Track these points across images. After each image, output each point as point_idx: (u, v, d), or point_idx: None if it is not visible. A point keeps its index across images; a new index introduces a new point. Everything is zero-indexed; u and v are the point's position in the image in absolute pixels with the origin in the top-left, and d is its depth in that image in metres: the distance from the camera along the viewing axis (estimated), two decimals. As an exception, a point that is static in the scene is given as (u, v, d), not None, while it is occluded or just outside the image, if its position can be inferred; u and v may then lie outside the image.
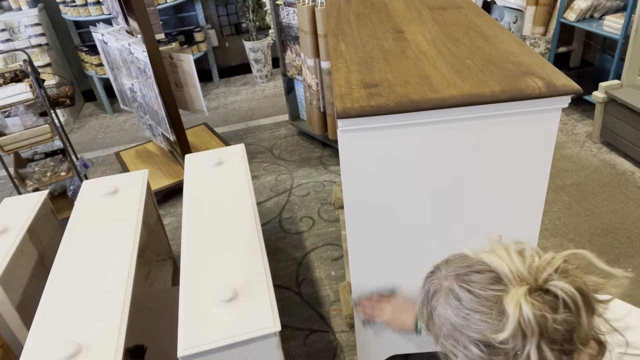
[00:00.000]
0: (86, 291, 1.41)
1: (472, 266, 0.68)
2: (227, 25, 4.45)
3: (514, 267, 0.65)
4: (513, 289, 0.62)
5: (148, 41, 2.48)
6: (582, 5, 3.05)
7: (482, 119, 1.17)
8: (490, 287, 0.64)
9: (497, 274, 0.65)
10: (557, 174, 2.76)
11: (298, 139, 3.45)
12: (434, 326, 0.72)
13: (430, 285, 0.73)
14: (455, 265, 0.70)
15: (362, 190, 1.28)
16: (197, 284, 1.37)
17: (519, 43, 1.37)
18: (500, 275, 0.65)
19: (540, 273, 0.64)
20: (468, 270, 0.68)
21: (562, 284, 0.62)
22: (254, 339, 1.20)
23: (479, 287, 0.65)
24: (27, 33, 3.74)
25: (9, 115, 2.54)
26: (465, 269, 0.68)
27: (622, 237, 2.28)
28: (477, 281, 0.66)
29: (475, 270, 0.67)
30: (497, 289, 0.64)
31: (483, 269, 0.67)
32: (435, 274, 0.74)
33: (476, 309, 0.64)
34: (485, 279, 0.65)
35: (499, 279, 0.65)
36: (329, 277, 2.26)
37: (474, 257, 0.70)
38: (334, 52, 1.46)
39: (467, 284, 0.66)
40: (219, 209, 1.68)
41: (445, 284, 0.69)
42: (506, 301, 0.62)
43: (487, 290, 0.64)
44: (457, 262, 0.71)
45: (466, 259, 0.70)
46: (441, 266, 0.74)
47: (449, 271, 0.70)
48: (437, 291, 0.71)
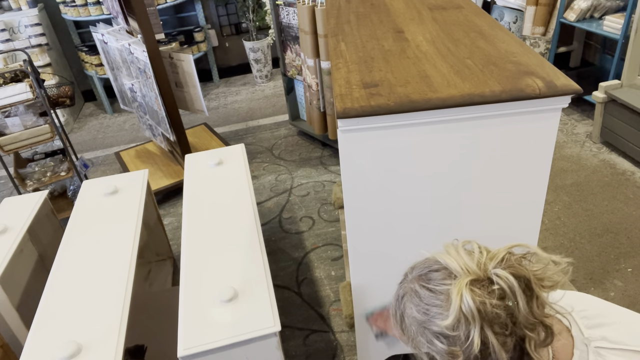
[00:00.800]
0: (86, 291, 1.41)
1: (430, 266, 0.75)
2: (227, 25, 4.45)
3: (463, 262, 0.71)
4: (457, 281, 0.69)
5: (148, 41, 2.48)
6: (582, 5, 3.05)
7: (482, 119, 1.17)
8: (443, 282, 0.71)
9: (450, 270, 0.71)
10: (557, 174, 2.76)
11: (298, 139, 3.45)
12: (405, 328, 0.77)
13: (400, 290, 0.79)
14: (418, 268, 0.77)
15: (362, 190, 1.28)
16: (197, 284, 1.37)
17: (519, 43, 1.37)
18: (452, 271, 0.71)
19: (487, 266, 0.70)
20: (427, 271, 0.74)
21: (501, 272, 0.68)
22: (254, 339, 1.20)
23: (435, 283, 0.72)
24: (27, 33, 3.74)
25: (9, 115, 2.54)
26: (425, 270, 0.75)
27: (622, 237, 2.28)
28: (433, 278, 0.72)
29: (432, 269, 0.74)
30: (449, 283, 0.70)
31: (439, 267, 0.73)
32: (404, 279, 0.80)
33: (433, 303, 0.70)
34: (440, 275, 0.72)
35: (452, 275, 0.71)
36: (329, 277, 2.26)
37: (432, 258, 0.76)
38: (334, 52, 1.46)
39: (426, 282, 0.73)
40: (219, 209, 1.68)
41: (410, 286, 0.76)
42: (451, 291, 0.68)
43: (440, 285, 0.71)
44: (419, 265, 0.77)
45: (426, 261, 0.77)
46: (408, 272, 0.80)
47: (413, 274, 0.77)
48: (405, 293, 0.76)
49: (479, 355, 0.67)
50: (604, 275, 2.10)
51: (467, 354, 0.68)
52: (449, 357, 0.70)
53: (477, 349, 0.66)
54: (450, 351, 0.69)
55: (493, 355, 0.67)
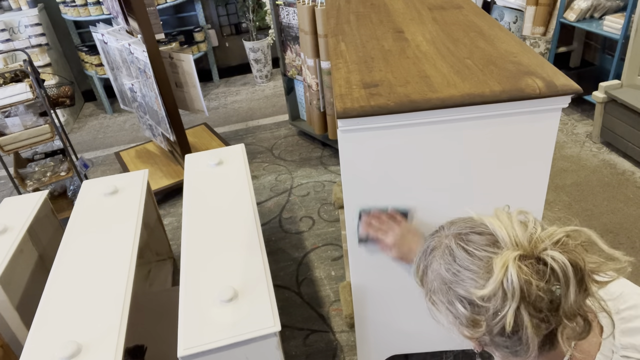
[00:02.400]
0: (86, 291, 1.41)
1: (473, 227, 0.70)
2: (227, 25, 4.45)
3: (513, 233, 0.65)
4: (505, 252, 0.64)
5: (148, 41, 2.48)
6: (582, 5, 3.05)
7: (482, 119, 1.17)
8: (485, 248, 0.66)
9: (496, 238, 0.66)
10: (557, 174, 2.76)
11: (298, 139, 3.45)
12: (426, 280, 0.73)
13: (431, 241, 0.74)
14: (458, 225, 0.72)
15: (362, 190, 1.28)
16: (197, 284, 1.37)
17: (519, 43, 1.37)
18: (498, 239, 0.66)
19: (539, 243, 0.64)
20: (469, 231, 0.69)
21: (556, 254, 0.62)
22: (254, 339, 1.20)
23: (475, 246, 0.67)
24: (27, 33, 3.74)
25: (9, 115, 2.54)
26: (467, 229, 0.70)
27: (622, 237, 2.28)
28: (474, 241, 0.67)
29: (475, 232, 0.69)
30: (491, 250, 0.65)
31: (484, 230, 0.68)
32: (437, 232, 0.75)
33: (467, 267, 0.66)
34: (482, 240, 0.67)
35: (496, 242, 0.66)
36: (329, 277, 2.26)
37: (477, 219, 0.71)
38: (334, 52, 1.46)
39: (465, 242, 0.68)
40: (219, 209, 1.68)
41: (445, 241, 0.71)
42: (495, 262, 0.63)
43: (481, 250, 0.66)
44: (460, 222, 0.73)
45: (469, 221, 0.72)
46: (445, 225, 0.75)
47: (451, 230, 0.72)
48: (436, 247, 0.72)
49: (504, 331, 0.64)
50: (604, 275, 2.10)
51: (490, 326, 0.64)
52: (469, 323, 0.67)
53: (509, 327, 0.62)
54: (472, 318, 0.66)
55: (523, 337, 0.63)
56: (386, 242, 1.19)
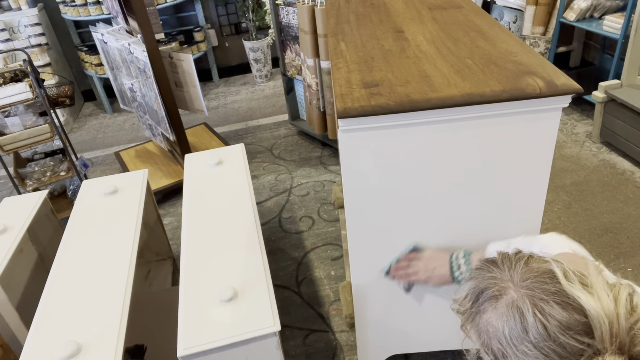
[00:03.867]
0: (86, 291, 1.40)
1: (556, 294, 0.53)
2: (227, 25, 4.45)
3: (616, 325, 0.50)
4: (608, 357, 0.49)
5: (148, 41, 2.48)
6: (582, 5, 3.05)
7: (483, 119, 1.17)
8: (575, 336, 0.51)
9: (589, 324, 0.50)
10: (557, 174, 2.76)
11: (298, 139, 3.44)
12: (474, 328, 0.60)
13: (488, 284, 0.58)
14: (536, 281, 0.55)
15: (362, 190, 1.28)
16: (197, 284, 1.37)
17: (519, 43, 1.37)
18: (592, 327, 0.50)
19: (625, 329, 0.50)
20: (552, 298, 0.53)
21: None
22: (254, 339, 1.20)
23: (560, 328, 0.51)
24: (27, 33, 3.74)
25: (9, 115, 2.54)
26: (547, 295, 0.53)
27: (622, 237, 2.28)
28: (559, 320, 0.51)
29: (559, 303, 0.52)
30: (584, 342, 0.50)
31: (571, 305, 0.52)
32: (501, 269, 0.59)
33: (546, 353, 0.51)
34: (572, 323, 0.51)
35: (591, 332, 0.50)
36: (329, 277, 2.26)
37: (566, 286, 0.53)
38: (334, 52, 1.46)
39: (544, 316, 0.52)
40: (219, 209, 1.67)
41: (513, 295, 0.55)
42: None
43: (569, 338, 0.51)
44: (539, 277, 0.55)
45: (554, 282, 0.54)
46: (514, 264, 0.58)
47: (525, 283, 0.56)
48: (500, 296, 0.57)
49: None
50: (604, 275, 2.10)
51: None
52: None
53: None
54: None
55: None
56: (421, 278, 1.31)
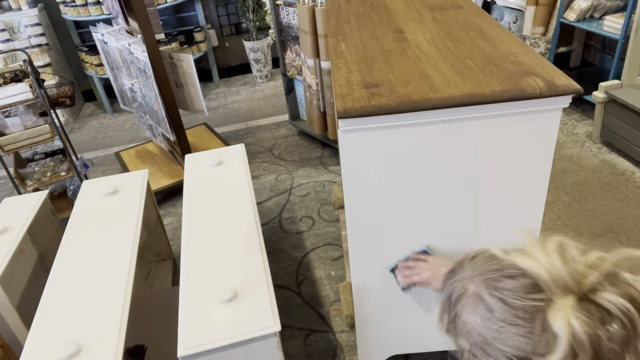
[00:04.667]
0: (86, 291, 1.40)
1: (502, 269, 0.59)
2: (227, 25, 4.45)
3: (555, 271, 0.55)
4: (558, 301, 0.53)
5: (148, 41, 2.48)
6: (582, 5, 3.05)
7: (483, 119, 1.17)
8: (527, 296, 0.55)
9: (535, 280, 0.55)
10: (557, 174, 2.76)
11: (298, 139, 3.45)
12: (456, 332, 0.63)
13: (453, 287, 0.63)
14: (483, 267, 0.61)
15: (362, 190, 1.28)
16: (197, 284, 1.37)
17: (519, 43, 1.37)
18: (538, 282, 0.55)
19: (585, 279, 0.55)
20: (498, 275, 0.58)
21: (615, 299, 0.53)
22: (254, 339, 1.20)
23: (513, 295, 0.56)
24: (27, 33, 3.74)
25: (9, 115, 2.54)
26: (495, 273, 0.59)
27: (622, 237, 2.28)
28: (510, 288, 0.56)
29: (506, 275, 0.58)
30: (536, 298, 0.55)
31: (516, 273, 0.57)
32: (457, 273, 0.64)
33: (512, 321, 0.55)
34: (520, 286, 0.56)
35: (537, 286, 0.55)
36: (329, 277, 2.26)
37: (505, 258, 0.60)
38: (334, 52, 1.46)
39: (498, 291, 0.57)
40: (219, 209, 1.67)
41: (472, 288, 0.60)
42: (551, 316, 0.53)
43: (523, 300, 0.55)
44: (483, 262, 0.61)
45: (495, 260, 0.60)
46: (464, 265, 0.64)
47: (475, 273, 0.61)
48: (462, 295, 0.61)
49: None
50: (604, 275, 2.10)
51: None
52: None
53: None
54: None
55: None
56: (424, 278, 1.28)
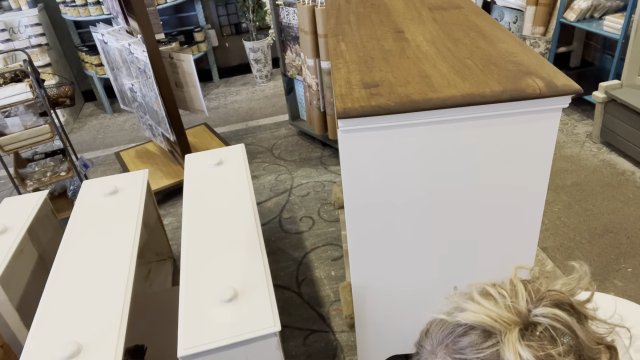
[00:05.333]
0: (86, 291, 1.40)
1: (453, 331, 0.61)
2: (227, 25, 4.45)
3: (493, 313, 0.58)
4: (506, 339, 0.56)
5: (148, 41, 2.48)
6: (582, 5, 3.05)
7: (483, 119, 1.17)
8: (483, 345, 0.57)
9: (483, 328, 0.58)
10: (557, 174, 2.76)
11: (298, 139, 3.45)
12: None
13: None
14: (437, 336, 0.63)
15: (362, 190, 1.28)
16: (197, 284, 1.37)
17: (519, 43, 1.37)
18: (485, 329, 0.58)
19: (520, 308, 0.58)
20: (453, 337, 0.61)
21: (543, 311, 0.57)
22: (254, 339, 1.20)
23: (473, 351, 0.58)
24: (27, 33, 3.74)
25: (9, 115, 2.54)
26: (450, 337, 0.61)
27: (622, 237, 2.28)
28: (467, 345, 0.59)
29: (459, 335, 0.60)
30: (490, 344, 0.57)
31: (466, 329, 0.60)
32: (421, 354, 0.66)
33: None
34: (475, 339, 0.58)
35: (487, 333, 0.58)
36: (329, 277, 2.26)
37: (451, 320, 0.62)
38: (334, 52, 1.46)
39: (459, 353, 0.59)
40: (219, 209, 1.68)
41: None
42: (505, 356, 0.55)
43: (482, 350, 0.57)
44: (437, 331, 0.64)
45: (445, 325, 0.63)
46: (423, 342, 0.66)
47: (434, 344, 0.63)
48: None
49: None
50: (604, 275, 2.10)
51: None
52: None
53: None
54: None
55: None
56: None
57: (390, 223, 1.35)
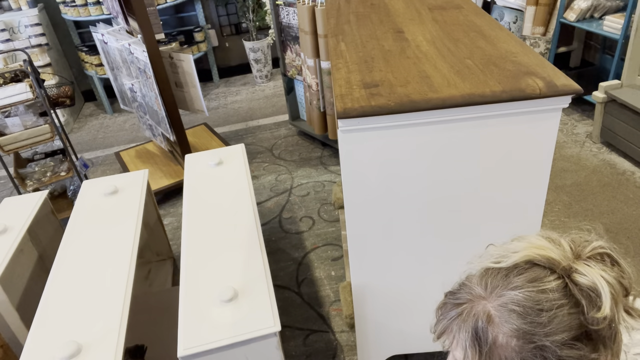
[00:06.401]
0: (86, 291, 1.40)
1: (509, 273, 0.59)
2: (227, 25, 4.45)
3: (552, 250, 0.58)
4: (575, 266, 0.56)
5: (148, 41, 2.48)
6: (582, 5, 3.05)
7: (483, 119, 1.17)
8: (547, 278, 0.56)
9: (542, 265, 0.58)
10: (557, 174, 2.76)
11: (298, 139, 3.45)
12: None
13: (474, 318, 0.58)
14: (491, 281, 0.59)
15: (362, 190, 1.28)
16: (197, 284, 1.37)
17: (519, 43, 1.37)
18: (546, 265, 0.57)
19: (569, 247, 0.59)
20: (512, 277, 0.58)
21: (593, 245, 0.59)
22: (254, 339, 1.20)
23: (538, 284, 0.56)
24: (27, 33, 3.74)
25: (9, 115, 2.54)
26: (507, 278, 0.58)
27: (622, 237, 2.28)
28: (531, 280, 0.57)
29: (517, 274, 0.58)
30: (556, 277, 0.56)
31: (524, 269, 0.58)
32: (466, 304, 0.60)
33: (554, 305, 0.55)
34: (537, 274, 0.57)
35: (549, 269, 0.57)
36: (329, 277, 2.26)
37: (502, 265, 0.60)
38: (334, 52, 1.46)
39: (523, 287, 0.56)
40: (219, 209, 1.68)
41: (493, 304, 0.57)
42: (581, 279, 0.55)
43: (547, 283, 0.56)
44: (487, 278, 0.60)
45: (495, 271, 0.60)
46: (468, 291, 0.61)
47: (488, 290, 0.59)
48: (489, 318, 0.57)
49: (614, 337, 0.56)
50: (604, 275, 2.10)
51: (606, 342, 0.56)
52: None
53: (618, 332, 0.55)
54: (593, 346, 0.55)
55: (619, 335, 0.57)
56: None
57: (390, 223, 1.35)
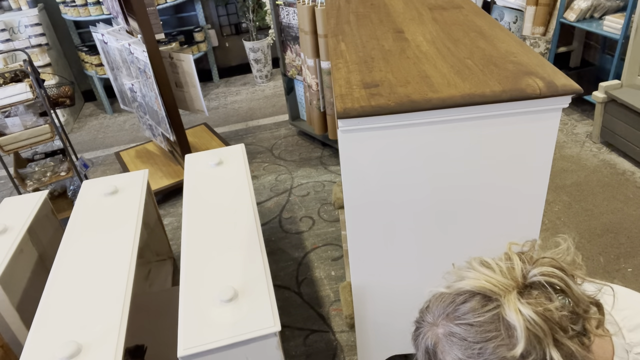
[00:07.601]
0: (86, 291, 1.40)
1: (454, 300, 0.64)
2: (227, 25, 4.45)
3: (492, 279, 0.62)
4: (505, 300, 0.60)
5: (148, 41, 2.48)
6: (582, 5, 3.05)
7: (483, 119, 1.17)
8: (484, 309, 0.61)
9: (483, 294, 0.62)
10: (557, 174, 2.76)
11: (298, 139, 3.45)
12: None
13: (425, 340, 0.67)
14: (438, 308, 0.66)
15: (362, 190, 1.28)
16: (197, 284, 1.37)
17: (519, 43, 1.37)
18: (485, 294, 0.61)
19: (515, 272, 0.62)
20: (454, 306, 0.63)
21: (538, 270, 0.62)
22: (254, 339, 1.20)
23: (474, 315, 0.61)
24: (27, 33, 3.74)
25: (9, 115, 2.54)
26: (451, 306, 0.64)
27: (622, 237, 2.28)
28: (469, 310, 0.61)
29: (460, 302, 0.63)
30: (491, 307, 0.61)
31: (466, 297, 0.63)
32: (422, 327, 0.69)
33: (485, 337, 0.60)
34: (475, 305, 0.61)
35: (487, 297, 0.61)
36: (329, 277, 2.26)
37: (451, 290, 0.65)
38: (334, 52, 1.46)
39: (461, 319, 0.62)
40: (219, 209, 1.68)
41: (440, 331, 0.64)
42: (506, 315, 0.59)
43: (483, 314, 0.60)
44: (437, 304, 0.67)
45: (445, 297, 0.66)
46: (424, 317, 0.69)
47: (436, 316, 0.66)
48: (437, 342, 0.65)
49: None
50: (604, 275, 2.10)
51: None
52: None
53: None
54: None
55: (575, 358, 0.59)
56: None
57: (390, 223, 1.35)
